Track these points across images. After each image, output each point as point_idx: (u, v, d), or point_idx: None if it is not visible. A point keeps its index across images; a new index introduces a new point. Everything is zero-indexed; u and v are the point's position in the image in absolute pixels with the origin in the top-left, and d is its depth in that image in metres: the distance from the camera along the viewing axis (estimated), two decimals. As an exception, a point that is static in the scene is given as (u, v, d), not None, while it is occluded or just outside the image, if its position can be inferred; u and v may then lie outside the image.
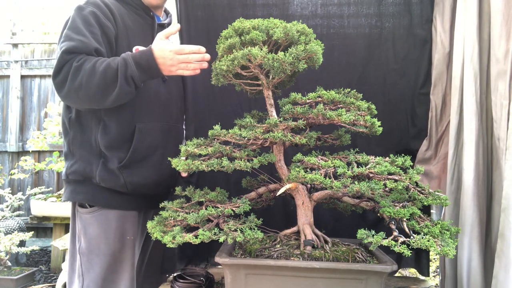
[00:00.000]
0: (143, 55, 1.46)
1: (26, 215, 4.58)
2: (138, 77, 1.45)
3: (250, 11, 1.91)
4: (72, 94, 1.45)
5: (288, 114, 1.36)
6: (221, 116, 1.74)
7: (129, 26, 1.62)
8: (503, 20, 1.43)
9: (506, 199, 1.37)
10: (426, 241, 1.12)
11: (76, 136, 1.62)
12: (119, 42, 1.58)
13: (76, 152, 1.62)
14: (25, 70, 5.10)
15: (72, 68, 1.42)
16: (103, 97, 1.45)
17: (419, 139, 1.84)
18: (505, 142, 1.42)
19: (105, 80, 1.41)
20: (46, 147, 4.25)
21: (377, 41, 1.88)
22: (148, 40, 1.65)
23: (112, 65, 1.43)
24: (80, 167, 1.60)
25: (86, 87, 1.42)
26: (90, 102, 1.49)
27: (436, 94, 1.78)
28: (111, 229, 1.60)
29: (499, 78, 1.44)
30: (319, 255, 1.28)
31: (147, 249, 1.85)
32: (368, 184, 1.18)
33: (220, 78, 1.41)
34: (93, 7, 1.55)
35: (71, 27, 1.50)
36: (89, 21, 1.51)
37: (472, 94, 1.53)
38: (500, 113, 1.44)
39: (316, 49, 1.32)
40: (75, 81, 1.42)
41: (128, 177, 1.57)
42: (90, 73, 1.41)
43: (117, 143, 1.57)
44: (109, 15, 1.56)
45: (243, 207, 1.27)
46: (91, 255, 1.60)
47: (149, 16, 1.71)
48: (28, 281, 3.52)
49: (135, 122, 1.60)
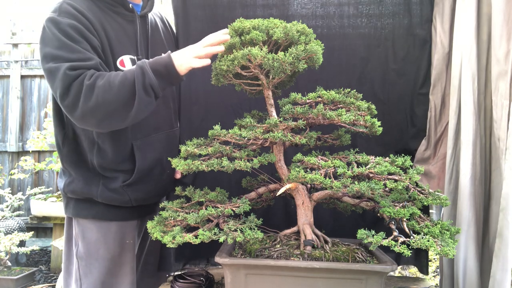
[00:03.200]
0: (161, 60, 1.34)
1: (26, 215, 4.58)
2: (157, 85, 1.32)
3: (250, 11, 1.91)
4: (88, 116, 1.30)
5: (288, 114, 1.36)
6: (221, 116, 1.73)
7: (111, 35, 1.46)
8: (504, 20, 1.43)
9: (505, 199, 1.38)
10: (426, 241, 1.12)
11: (70, 155, 1.54)
12: (104, 57, 1.42)
13: (72, 171, 1.56)
14: (25, 70, 5.10)
15: (84, 87, 1.27)
16: (123, 113, 1.31)
17: (418, 139, 1.84)
18: (505, 142, 1.42)
19: (123, 93, 1.28)
20: (46, 147, 4.26)
21: (377, 41, 1.88)
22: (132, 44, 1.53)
23: (128, 77, 1.30)
24: (77, 187, 1.53)
25: (103, 105, 1.28)
26: (110, 121, 1.34)
27: (436, 94, 1.78)
28: (111, 234, 1.57)
29: (500, 78, 1.45)
30: (319, 255, 1.28)
31: (143, 250, 1.83)
32: (368, 184, 1.18)
33: (220, 78, 1.41)
34: (70, 18, 1.36)
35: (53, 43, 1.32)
36: (72, 36, 1.33)
37: (470, 94, 1.53)
38: (500, 113, 1.44)
39: (316, 49, 1.32)
40: (89, 101, 1.27)
41: (133, 194, 1.54)
42: (105, 89, 1.27)
43: (116, 164, 1.51)
44: (88, 26, 1.39)
45: (243, 207, 1.27)
46: (90, 259, 1.57)
47: (128, 10, 1.54)
48: (28, 281, 3.52)
49: (130, 140, 1.52)
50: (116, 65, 1.46)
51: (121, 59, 1.48)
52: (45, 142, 4.19)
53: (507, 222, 1.36)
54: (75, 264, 1.61)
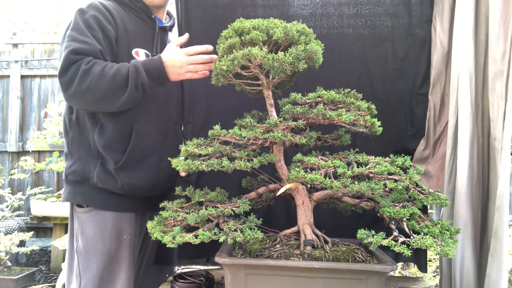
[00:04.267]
0: (153, 63, 1.51)
1: (26, 215, 4.58)
2: (148, 84, 1.50)
3: (251, 11, 1.91)
4: (79, 96, 1.46)
5: (288, 114, 1.36)
6: (221, 116, 1.73)
7: (130, 29, 1.63)
8: (501, 21, 1.44)
9: (500, 198, 1.39)
10: (426, 241, 1.12)
11: (75, 137, 1.63)
12: (119, 44, 1.59)
13: (74, 152, 1.63)
14: (25, 70, 5.10)
15: (80, 70, 1.43)
16: (110, 101, 1.48)
17: (417, 139, 1.84)
18: (500, 142, 1.43)
19: (114, 85, 1.45)
20: (46, 147, 4.26)
21: (376, 41, 1.88)
22: (149, 43, 1.67)
23: (122, 71, 1.46)
24: (78, 168, 1.61)
25: (94, 91, 1.44)
26: (96, 105, 1.51)
27: (435, 94, 1.78)
28: (107, 229, 1.60)
29: (496, 78, 1.45)
30: (319, 255, 1.28)
31: (146, 250, 1.85)
32: (368, 184, 1.18)
33: (220, 78, 1.41)
34: (95, 10, 1.56)
35: (74, 28, 1.52)
36: (91, 25, 1.52)
37: (467, 94, 1.54)
38: (497, 113, 1.45)
39: (316, 49, 1.32)
40: (83, 84, 1.43)
41: (125, 179, 1.57)
42: (100, 77, 1.43)
43: (114, 143, 1.57)
44: (109, 18, 1.57)
45: (243, 207, 1.27)
46: (88, 254, 1.61)
47: (151, 19, 1.72)
48: (28, 281, 3.52)
49: (133, 123, 1.60)
50: (131, 53, 1.61)
51: (136, 51, 1.63)
52: (45, 142, 4.19)
53: (502, 222, 1.37)
54: (76, 260, 1.65)
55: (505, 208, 1.37)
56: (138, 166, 1.61)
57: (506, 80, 1.42)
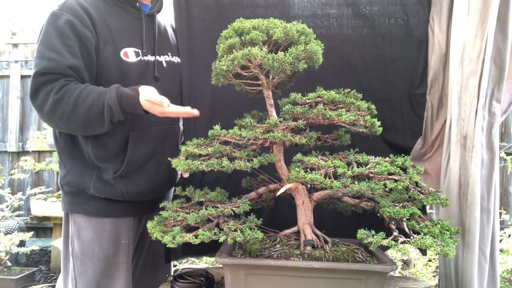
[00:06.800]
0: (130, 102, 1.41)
1: (26, 215, 4.58)
2: (123, 118, 1.45)
3: (251, 12, 1.91)
4: (52, 123, 1.46)
5: (288, 114, 1.36)
6: (221, 116, 1.73)
7: (114, 28, 1.53)
8: (479, 21, 1.45)
9: (471, 195, 1.41)
10: (426, 241, 1.12)
11: (67, 146, 1.57)
12: (104, 49, 1.50)
13: (67, 162, 1.58)
14: (25, 70, 5.10)
15: (51, 99, 1.37)
16: (84, 130, 1.47)
17: (415, 139, 1.85)
18: (472, 140, 1.44)
19: (89, 119, 1.40)
20: (46, 147, 4.26)
21: (375, 41, 1.88)
22: (137, 38, 1.59)
23: (97, 104, 1.38)
24: (72, 179, 1.56)
25: (68, 121, 1.40)
26: (70, 131, 1.50)
27: (433, 94, 1.79)
28: (105, 233, 1.57)
29: (470, 77, 1.47)
30: (319, 255, 1.28)
31: (142, 251, 1.83)
32: (368, 184, 1.18)
33: (220, 78, 1.41)
34: (69, 14, 1.43)
35: (43, 41, 1.42)
36: (64, 32, 1.41)
37: (456, 94, 1.55)
38: (469, 111, 1.47)
39: (316, 49, 1.32)
40: (55, 113, 1.39)
41: (124, 187, 1.54)
42: (73, 108, 1.37)
43: (110, 154, 1.53)
44: (87, 21, 1.45)
45: (243, 207, 1.27)
46: (85, 258, 1.58)
47: (135, 8, 1.61)
48: (28, 281, 3.53)
49: (129, 130, 1.54)
50: (120, 55, 1.53)
51: (125, 51, 1.54)
52: (45, 142, 4.20)
53: (474, 218, 1.39)
54: (71, 263, 1.62)
55: (476, 204, 1.39)
56: (137, 174, 1.57)
57: (479, 79, 1.43)
